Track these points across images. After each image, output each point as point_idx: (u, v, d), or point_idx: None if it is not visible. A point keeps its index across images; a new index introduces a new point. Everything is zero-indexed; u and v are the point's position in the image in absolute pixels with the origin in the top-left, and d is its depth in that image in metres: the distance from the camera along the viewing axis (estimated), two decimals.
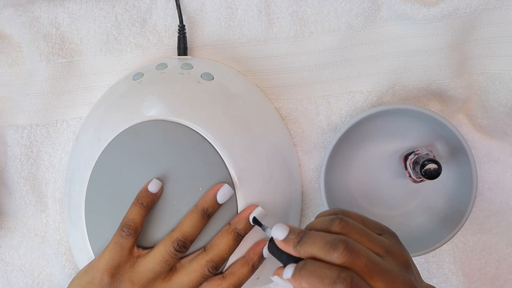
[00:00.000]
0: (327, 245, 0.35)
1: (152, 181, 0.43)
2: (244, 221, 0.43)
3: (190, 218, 0.43)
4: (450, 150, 0.50)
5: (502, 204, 0.53)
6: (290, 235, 0.37)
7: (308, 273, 0.34)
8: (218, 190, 0.43)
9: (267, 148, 0.48)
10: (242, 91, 0.50)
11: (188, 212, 0.43)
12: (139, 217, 0.43)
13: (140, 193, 0.43)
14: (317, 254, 0.35)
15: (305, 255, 0.36)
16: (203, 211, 0.42)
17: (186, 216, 0.43)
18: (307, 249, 0.36)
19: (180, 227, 0.43)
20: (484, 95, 0.52)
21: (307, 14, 0.51)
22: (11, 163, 0.53)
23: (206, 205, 0.43)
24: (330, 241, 0.35)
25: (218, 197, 0.43)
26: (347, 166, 0.52)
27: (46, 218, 0.54)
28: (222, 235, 0.43)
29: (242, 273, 0.44)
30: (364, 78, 0.51)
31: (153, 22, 0.52)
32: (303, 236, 0.36)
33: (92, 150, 0.46)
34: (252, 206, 0.44)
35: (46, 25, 0.52)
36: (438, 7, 0.48)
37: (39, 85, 0.52)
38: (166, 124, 0.44)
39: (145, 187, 0.43)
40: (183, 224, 0.43)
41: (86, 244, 0.46)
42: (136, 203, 0.43)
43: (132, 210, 0.43)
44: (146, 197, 0.43)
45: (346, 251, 0.34)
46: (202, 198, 0.43)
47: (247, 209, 0.44)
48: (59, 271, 0.54)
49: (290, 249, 0.37)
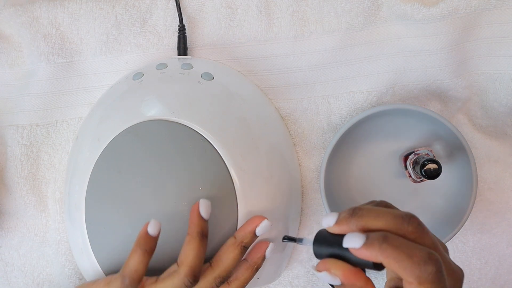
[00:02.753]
0: (398, 217, 0.32)
1: (151, 223, 0.40)
2: (251, 235, 0.43)
3: (191, 248, 0.40)
4: (450, 150, 0.50)
5: (502, 204, 0.53)
6: (342, 214, 0.34)
7: (392, 247, 0.31)
8: (199, 208, 0.41)
9: (267, 148, 0.48)
10: (242, 91, 0.50)
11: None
12: (142, 267, 0.40)
13: (141, 238, 0.40)
14: (385, 227, 0.32)
15: (368, 226, 0.33)
16: (200, 235, 0.40)
17: (186, 247, 0.40)
18: (371, 222, 0.33)
19: (185, 260, 0.40)
20: (484, 95, 0.52)
21: (307, 14, 0.51)
22: (11, 163, 0.53)
23: (198, 228, 0.40)
24: (401, 214, 0.32)
25: (203, 214, 0.41)
26: (347, 166, 0.52)
27: (46, 218, 0.54)
28: (228, 250, 0.42)
29: (246, 277, 0.44)
30: (364, 78, 0.51)
31: (153, 22, 0.52)
32: (359, 212, 0.33)
33: (92, 150, 0.46)
34: (257, 218, 0.43)
35: (46, 25, 0.52)
36: (438, 7, 0.48)
37: (39, 85, 0.52)
38: (166, 124, 0.44)
39: (144, 230, 0.40)
40: (187, 257, 0.40)
41: (86, 244, 0.46)
42: (138, 249, 0.40)
43: (134, 259, 0.40)
44: (149, 242, 0.40)
45: (420, 226, 0.32)
46: (190, 224, 0.41)
47: (252, 222, 0.43)
48: (59, 271, 0.54)
49: (347, 227, 0.33)
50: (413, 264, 0.31)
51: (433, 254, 0.31)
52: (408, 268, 0.31)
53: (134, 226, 0.44)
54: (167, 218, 0.43)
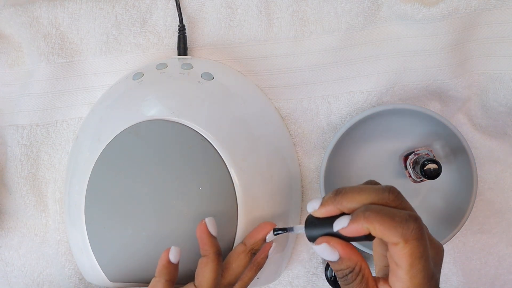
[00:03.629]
0: (378, 190, 0.34)
1: (172, 250, 0.39)
2: (261, 242, 0.42)
3: (209, 270, 0.39)
4: (450, 150, 0.50)
5: (502, 204, 0.53)
6: (327, 196, 0.35)
7: (374, 213, 0.32)
8: (208, 227, 0.41)
9: (267, 148, 0.48)
10: (242, 91, 0.50)
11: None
12: None
13: (164, 268, 0.39)
14: (368, 200, 0.34)
15: (352, 205, 0.34)
16: (216, 255, 0.40)
17: (204, 269, 0.40)
18: (355, 197, 0.34)
19: (206, 284, 0.39)
20: (484, 95, 0.52)
21: (307, 14, 0.51)
22: (11, 163, 0.53)
23: (214, 248, 0.40)
24: (382, 187, 0.34)
25: (213, 232, 0.41)
26: (347, 166, 0.52)
27: (46, 218, 0.54)
28: (239, 257, 0.42)
29: (249, 277, 0.44)
30: (364, 78, 0.51)
31: (153, 22, 0.52)
32: (342, 190, 0.35)
33: (92, 150, 0.46)
34: (268, 224, 0.43)
35: (46, 25, 0.52)
36: (438, 7, 0.48)
37: (39, 85, 0.52)
38: (166, 123, 0.44)
39: (166, 260, 0.39)
40: (208, 281, 0.39)
41: (86, 244, 0.46)
42: (161, 279, 0.39)
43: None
44: (172, 271, 0.39)
45: (400, 195, 0.33)
46: (203, 245, 0.40)
47: (263, 228, 0.42)
48: (59, 271, 0.54)
49: (332, 206, 0.34)
50: (396, 223, 0.32)
51: (413, 214, 0.33)
52: (393, 229, 0.32)
53: (133, 226, 0.44)
54: (166, 217, 0.43)
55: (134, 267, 0.45)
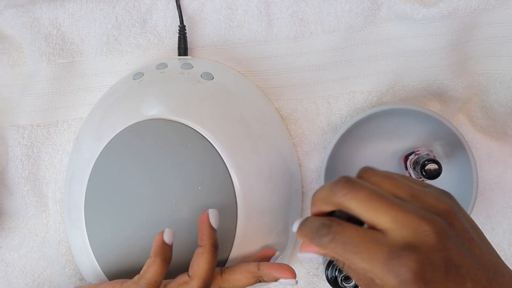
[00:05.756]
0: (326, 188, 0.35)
1: (166, 231, 0.40)
2: (273, 279, 0.42)
3: (204, 261, 0.40)
4: (450, 150, 0.50)
5: (503, 204, 0.53)
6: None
7: (303, 226, 0.35)
8: (210, 219, 0.41)
9: (267, 148, 0.48)
10: (242, 91, 0.50)
11: (198, 253, 0.40)
12: (161, 278, 0.39)
13: (158, 247, 0.40)
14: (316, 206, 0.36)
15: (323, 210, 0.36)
16: (213, 247, 0.40)
17: (199, 259, 0.40)
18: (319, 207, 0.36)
19: (199, 273, 0.40)
20: (484, 96, 0.52)
21: (307, 14, 0.51)
22: (12, 164, 0.53)
23: (212, 240, 0.40)
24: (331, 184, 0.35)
25: (214, 224, 0.41)
26: (347, 167, 0.52)
27: (47, 218, 0.54)
28: (244, 275, 0.41)
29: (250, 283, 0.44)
30: (364, 78, 0.51)
31: (154, 23, 0.52)
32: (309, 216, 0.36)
33: (92, 149, 0.46)
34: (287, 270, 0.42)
35: (47, 25, 0.52)
36: (438, 7, 0.48)
37: (40, 85, 0.52)
38: (166, 123, 0.44)
39: (161, 240, 0.40)
40: (201, 270, 0.40)
41: (86, 244, 0.46)
42: (157, 259, 0.39)
43: (154, 268, 0.39)
44: (167, 251, 0.40)
45: (346, 184, 0.33)
46: (202, 235, 0.40)
47: (284, 272, 0.41)
48: (59, 271, 0.54)
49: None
50: (312, 233, 0.34)
51: (326, 220, 0.34)
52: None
53: (133, 226, 0.44)
54: (166, 217, 0.43)
55: (134, 267, 0.45)
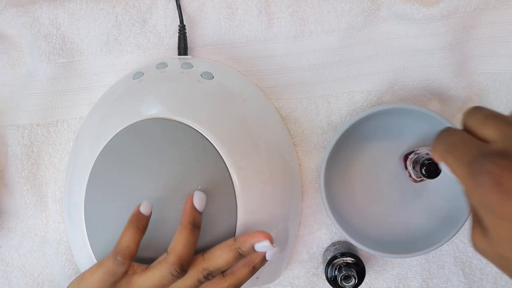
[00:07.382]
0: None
1: (144, 203, 0.41)
2: (249, 246, 0.42)
3: (181, 236, 0.40)
4: None
5: None
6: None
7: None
8: (193, 200, 0.41)
9: (267, 148, 0.48)
10: (242, 90, 0.50)
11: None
12: (134, 244, 0.40)
13: (133, 216, 0.41)
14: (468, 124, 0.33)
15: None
16: (191, 225, 0.41)
17: (176, 236, 0.41)
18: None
19: (174, 249, 0.40)
20: (484, 95, 0.52)
21: (307, 14, 0.51)
22: (12, 163, 0.53)
23: (190, 218, 0.41)
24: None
25: (197, 206, 0.42)
26: (347, 166, 0.52)
27: (47, 218, 0.54)
28: (223, 250, 0.42)
29: (242, 274, 0.43)
30: (364, 78, 0.51)
31: (154, 22, 0.52)
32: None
33: (91, 149, 0.46)
34: (262, 234, 0.42)
35: (46, 25, 0.52)
36: (438, 7, 0.48)
37: (40, 85, 0.53)
38: (165, 122, 0.44)
39: (137, 210, 0.41)
40: (176, 245, 0.40)
41: (85, 244, 0.46)
42: (131, 226, 0.41)
43: (127, 236, 0.41)
44: (141, 220, 0.41)
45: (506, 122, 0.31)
46: (184, 214, 0.41)
47: (255, 236, 0.42)
48: (59, 271, 0.54)
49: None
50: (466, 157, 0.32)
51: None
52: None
53: None
54: (166, 216, 0.43)
55: None
